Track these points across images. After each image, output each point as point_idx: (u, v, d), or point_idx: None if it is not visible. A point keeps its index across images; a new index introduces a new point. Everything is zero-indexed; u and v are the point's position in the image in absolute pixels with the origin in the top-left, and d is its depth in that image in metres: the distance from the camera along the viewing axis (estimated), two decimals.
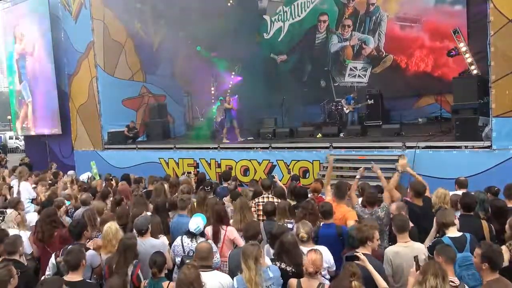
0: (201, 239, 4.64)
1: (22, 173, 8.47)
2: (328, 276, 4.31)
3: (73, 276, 3.85)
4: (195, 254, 4.15)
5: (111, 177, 9.61)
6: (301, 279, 3.76)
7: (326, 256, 4.23)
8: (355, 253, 3.89)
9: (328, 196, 5.91)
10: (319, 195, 6.72)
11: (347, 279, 3.38)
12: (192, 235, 4.75)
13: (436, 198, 5.67)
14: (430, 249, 4.21)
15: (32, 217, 6.41)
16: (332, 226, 4.91)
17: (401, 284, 4.12)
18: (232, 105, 13.76)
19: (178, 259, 4.75)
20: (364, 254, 3.89)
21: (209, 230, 5.15)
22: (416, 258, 3.63)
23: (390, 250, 4.32)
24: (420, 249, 4.21)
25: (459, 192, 5.87)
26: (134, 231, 4.82)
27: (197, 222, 4.75)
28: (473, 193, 5.49)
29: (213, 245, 4.65)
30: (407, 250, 4.17)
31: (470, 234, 4.33)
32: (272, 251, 4.50)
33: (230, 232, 5.19)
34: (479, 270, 3.64)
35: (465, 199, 5.09)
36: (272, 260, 4.14)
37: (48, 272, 4.60)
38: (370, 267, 3.74)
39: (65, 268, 4.00)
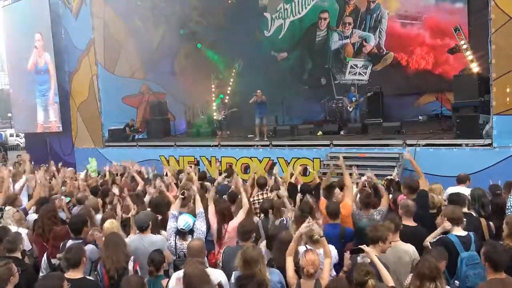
0: (192, 237, 4.67)
1: (16, 176, 8.43)
2: (334, 273, 4.28)
3: (74, 273, 3.84)
4: (187, 252, 4.14)
5: (116, 174, 9.56)
6: (301, 280, 3.71)
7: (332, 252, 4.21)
8: (359, 246, 3.86)
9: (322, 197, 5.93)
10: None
11: (361, 277, 3.32)
12: (182, 234, 4.76)
13: (432, 193, 5.68)
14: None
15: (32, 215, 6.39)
16: (337, 227, 4.91)
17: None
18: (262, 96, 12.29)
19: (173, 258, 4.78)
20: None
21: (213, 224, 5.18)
22: None
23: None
24: (405, 250, 4.16)
25: (459, 188, 5.89)
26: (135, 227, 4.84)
27: (185, 219, 4.77)
28: (466, 190, 5.51)
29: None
30: (391, 250, 4.14)
31: (473, 233, 4.33)
32: (268, 252, 4.47)
33: (230, 227, 5.19)
34: (484, 266, 3.63)
35: (451, 196, 5.14)
36: (269, 262, 4.09)
37: (42, 273, 4.59)
38: (376, 260, 3.69)
39: (65, 265, 3.99)
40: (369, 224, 4.58)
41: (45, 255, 4.70)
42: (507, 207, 5.21)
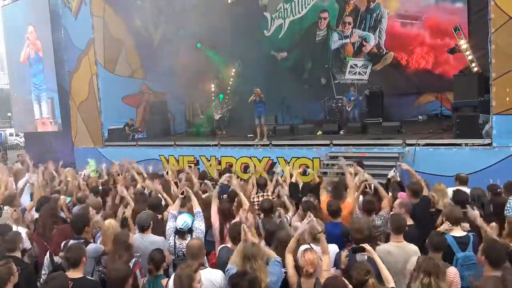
0: (191, 237, 4.68)
1: (17, 175, 8.42)
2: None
3: (74, 273, 3.83)
4: (186, 251, 4.16)
5: (117, 173, 9.56)
6: (301, 279, 3.70)
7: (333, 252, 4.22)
8: (361, 245, 3.87)
9: (323, 195, 5.92)
10: None
11: (362, 276, 3.33)
12: (181, 233, 4.78)
13: (435, 193, 5.67)
14: None
15: (33, 214, 6.39)
16: (338, 226, 4.91)
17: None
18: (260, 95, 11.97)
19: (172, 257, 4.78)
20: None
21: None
22: None
23: (381, 248, 4.27)
24: (413, 250, 4.15)
25: (460, 188, 5.88)
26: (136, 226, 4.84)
27: (184, 218, 4.80)
28: (465, 190, 5.51)
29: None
30: (399, 250, 4.15)
31: (473, 234, 4.33)
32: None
33: None
34: (480, 263, 3.64)
35: (455, 196, 5.13)
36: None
37: (44, 271, 4.59)
38: (377, 259, 3.73)
39: (65, 264, 3.99)
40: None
41: (47, 253, 4.69)
42: (506, 208, 5.22)
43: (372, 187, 6.24)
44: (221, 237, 5.13)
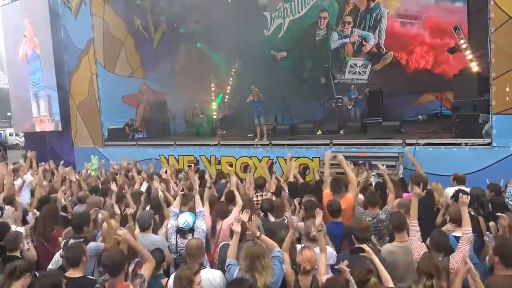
0: (192, 236, 4.69)
1: (16, 172, 8.43)
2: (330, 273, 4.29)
3: (74, 272, 3.84)
4: (185, 251, 4.18)
5: (116, 173, 9.56)
6: (299, 276, 3.74)
7: (329, 255, 4.23)
8: (360, 246, 3.89)
9: (326, 190, 5.93)
10: None
11: (363, 275, 3.34)
12: (183, 232, 4.79)
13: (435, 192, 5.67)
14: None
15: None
16: (339, 225, 4.90)
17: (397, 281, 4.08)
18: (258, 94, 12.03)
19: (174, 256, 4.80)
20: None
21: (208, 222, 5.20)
22: None
23: (385, 248, 4.30)
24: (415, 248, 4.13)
25: (457, 187, 5.89)
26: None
27: (185, 217, 4.81)
28: (468, 189, 5.51)
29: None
30: (402, 249, 4.16)
31: (474, 235, 4.31)
32: None
33: (226, 225, 5.18)
34: (492, 262, 3.63)
35: (458, 196, 5.12)
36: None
37: (50, 266, 4.59)
38: (376, 259, 3.73)
39: (65, 263, 3.99)
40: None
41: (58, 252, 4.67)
42: (506, 196, 5.22)
43: (373, 184, 6.24)
44: (213, 236, 5.16)
